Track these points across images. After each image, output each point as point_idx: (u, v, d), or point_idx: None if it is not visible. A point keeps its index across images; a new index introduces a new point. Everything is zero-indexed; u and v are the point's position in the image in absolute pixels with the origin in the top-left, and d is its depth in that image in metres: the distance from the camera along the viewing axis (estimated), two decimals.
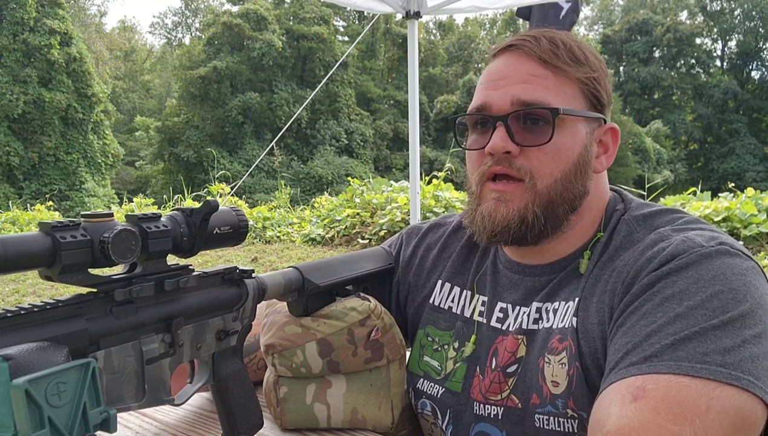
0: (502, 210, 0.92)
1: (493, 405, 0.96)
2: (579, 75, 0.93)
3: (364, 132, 29.19)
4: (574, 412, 0.86)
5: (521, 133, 0.91)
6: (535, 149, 0.90)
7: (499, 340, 0.98)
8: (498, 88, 0.93)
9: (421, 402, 1.06)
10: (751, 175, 26.55)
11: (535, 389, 0.91)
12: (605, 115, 0.97)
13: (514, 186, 0.91)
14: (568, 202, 0.92)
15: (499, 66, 0.96)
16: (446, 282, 1.09)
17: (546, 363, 0.90)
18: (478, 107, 0.95)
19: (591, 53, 0.96)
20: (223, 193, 10.41)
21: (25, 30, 21.80)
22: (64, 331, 0.64)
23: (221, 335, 0.85)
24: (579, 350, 0.87)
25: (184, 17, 44.60)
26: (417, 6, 3.53)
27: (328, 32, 29.41)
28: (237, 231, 0.81)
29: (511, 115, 0.90)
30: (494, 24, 41.45)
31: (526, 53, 0.93)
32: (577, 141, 0.92)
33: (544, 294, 0.96)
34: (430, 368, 1.05)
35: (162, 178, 27.49)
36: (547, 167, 0.90)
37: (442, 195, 8.35)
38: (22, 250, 0.60)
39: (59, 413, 0.54)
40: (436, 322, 1.07)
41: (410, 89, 3.59)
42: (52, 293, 6.36)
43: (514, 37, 0.96)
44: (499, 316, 1.01)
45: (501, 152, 0.91)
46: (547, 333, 0.92)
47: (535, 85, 0.91)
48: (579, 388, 0.86)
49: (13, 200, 17.47)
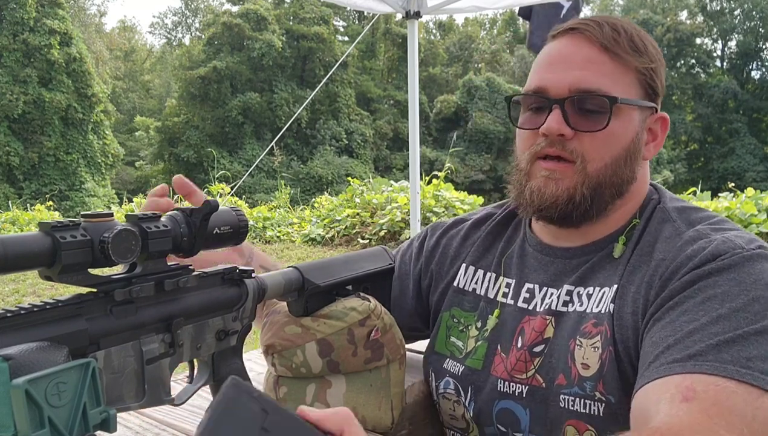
0: (551, 187, 0.93)
1: (518, 383, 0.97)
2: (637, 64, 0.93)
3: (364, 132, 29.20)
4: (602, 395, 0.88)
5: (576, 118, 0.92)
6: (588, 134, 0.92)
7: (526, 320, 1.00)
8: (556, 71, 0.94)
9: (444, 381, 1.07)
10: (751, 175, 26.56)
11: (563, 369, 0.92)
12: (657, 105, 0.99)
13: (564, 166, 0.93)
14: (616, 186, 0.94)
15: (559, 48, 0.96)
16: (470, 266, 1.11)
17: (578, 346, 0.92)
18: (535, 89, 0.96)
19: (650, 43, 0.97)
20: (223, 193, 10.40)
21: (25, 30, 21.79)
22: (64, 331, 0.64)
23: (221, 335, 0.85)
24: (613, 335, 0.89)
25: (184, 17, 44.61)
26: (417, 6, 3.53)
27: (328, 32, 29.41)
28: (237, 231, 0.81)
29: (568, 99, 0.92)
30: (494, 24, 41.46)
31: (587, 38, 0.93)
32: (630, 128, 0.94)
33: (576, 277, 0.97)
34: (455, 348, 1.07)
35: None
36: (599, 152, 0.92)
37: (442, 195, 8.35)
38: (22, 250, 0.60)
39: (59, 413, 0.54)
40: (460, 303, 1.10)
41: (410, 89, 3.59)
42: (52, 293, 6.36)
43: (577, 21, 0.96)
44: (525, 296, 1.02)
45: (555, 135, 0.92)
46: (580, 317, 0.94)
47: (593, 72, 0.92)
48: (610, 372, 0.88)
49: (13, 200, 17.47)
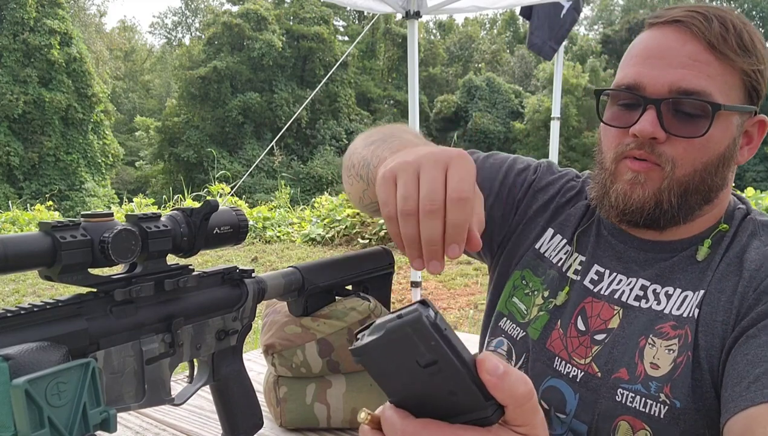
0: (638, 191, 0.88)
1: (575, 367, 0.94)
2: (745, 66, 0.86)
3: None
4: (667, 398, 0.85)
5: (672, 121, 0.85)
6: (683, 139, 0.85)
7: (588, 300, 0.96)
8: (655, 67, 0.86)
9: (498, 340, 1.04)
10: (751, 175, 26.51)
11: (627, 364, 0.89)
12: (758, 107, 0.92)
13: (650, 168, 0.88)
14: (704, 193, 0.89)
15: (658, 41, 0.87)
16: (557, 233, 1.05)
17: (649, 344, 0.88)
18: (629, 85, 0.88)
19: (759, 40, 0.89)
20: (223, 193, 10.40)
21: (25, 30, 21.78)
22: (64, 331, 0.64)
23: (221, 335, 0.85)
24: (695, 341, 0.85)
25: (184, 17, 44.60)
26: (417, 6, 3.52)
27: (328, 32, 29.39)
28: (237, 231, 0.81)
29: (666, 100, 0.85)
30: (494, 24, 41.44)
31: (693, 33, 0.85)
32: (727, 134, 0.87)
33: (653, 274, 0.93)
34: (516, 310, 1.03)
35: (162, 178, 27.47)
36: (691, 157, 0.86)
37: None
38: (22, 250, 0.60)
39: (59, 413, 0.54)
40: (535, 267, 1.05)
41: (410, 89, 3.59)
42: (52, 293, 6.36)
43: (680, 10, 0.87)
44: (593, 278, 0.98)
45: (648, 138, 0.86)
46: (656, 315, 0.90)
47: (697, 72, 0.84)
48: (682, 377, 0.85)
49: (13, 200, 17.46)
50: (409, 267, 4.11)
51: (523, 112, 29.11)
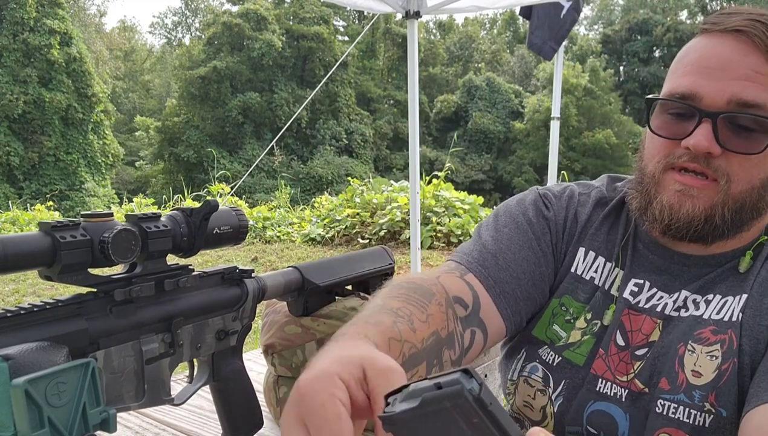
0: (687, 205, 0.84)
1: (618, 385, 0.90)
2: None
3: (364, 132, 29.18)
4: (712, 407, 0.82)
5: (729, 136, 0.81)
6: (739, 155, 0.81)
7: (626, 313, 0.93)
8: (713, 78, 0.81)
9: (532, 366, 0.98)
10: None
11: (667, 374, 0.86)
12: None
13: (704, 183, 0.83)
14: (758, 208, 0.85)
15: (717, 51, 0.82)
16: (590, 251, 0.99)
17: (689, 351, 0.85)
18: (684, 94, 0.83)
19: None
20: (223, 193, 10.40)
21: (25, 30, 21.78)
22: (64, 331, 0.64)
23: (221, 335, 0.85)
24: (740, 346, 0.83)
25: (184, 17, 44.60)
26: (417, 6, 3.52)
27: (328, 32, 29.39)
28: (237, 231, 0.81)
29: (724, 114, 0.81)
30: (494, 24, 41.44)
31: (756, 44, 0.80)
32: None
33: (695, 287, 0.90)
34: (555, 336, 0.97)
35: (162, 178, 27.47)
36: (748, 173, 0.82)
37: (442, 195, 8.35)
38: (22, 250, 0.60)
39: (59, 413, 0.54)
40: (574, 292, 0.98)
41: (410, 89, 3.59)
42: (52, 293, 6.35)
43: (742, 19, 0.82)
44: (633, 290, 0.94)
45: (702, 153, 0.82)
46: (695, 321, 0.87)
47: (759, 84, 0.80)
48: (728, 384, 0.82)
49: (13, 200, 17.46)
50: (409, 267, 4.11)
51: (523, 112, 29.11)
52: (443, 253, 7.33)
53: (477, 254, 0.96)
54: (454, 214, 8.11)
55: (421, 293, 0.80)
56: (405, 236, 7.63)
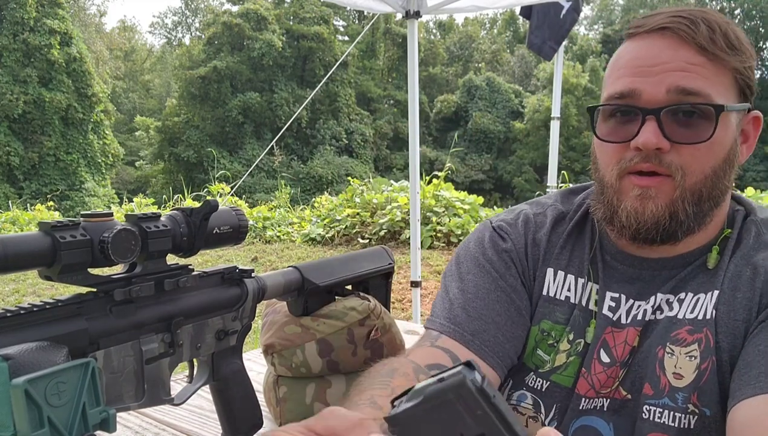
0: (650, 207, 0.85)
1: (601, 397, 0.90)
2: (736, 64, 0.84)
3: (364, 132, 29.19)
4: (695, 408, 0.83)
5: (675, 128, 0.82)
6: (689, 146, 0.83)
7: (608, 331, 0.92)
8: (649, 75, 0.82)
9: (520, 394, 0.97)
10: (751, 175, 26.49)
11: (650, 379, 0.86)
12: (752, 103, 0.90)
13: (660, 181, 0.84)
14: (714, 198, 0.86)
15: (649, 50, 0.84)
16: (559, 271, 0.98)
17: (668, 354, 0.86)
18: (622, 93, 0.84)
19: (743, 37, 0.87)
20: (223, 193, 10.40)
21: (25, 30, 21.78)
22: (64, 331, 0.64)
23: (221, 335, 0.85)
24: (717, 344, 0.83)
25: (184, 17, 44.60)
26: (417, 5, 3.52)
27: (328, 32, 29.39)
28: (237, 231, 0.81)
29: (666, 108, 0.81)
30: (494, 23, 41.44)
31: (682, 38, 0.82)
32: (729, 134, 0.85)
33: (668, 287, 0.90)
34: (540, 361, 0.96)
35: (162, 178, 27.48)
36: (700, 163, 0.83)
37: (443, 195, 8.35)
38: (22, 249, 0.60)
39: (59, 413, 0.54)
40: (551, 315, 0.97)
41: (410, 89, 3.58)
42: (52, 293, 6.36)
43: (665, 17, 0.84)
44: (610, 305, 0.93)
45: (652, 149, 0.82)
46: (670, 322, 0.87)
47: (695, 75, 0.81)
48: (709, 384, 0.82)
49: (13, 200, 17.46)
50: (409, 267, 4.11)
51: (523, 112, 29.11)
52: (443, 253, 7.33)
53: (446, 313, 0.95)
54: (454, 214, 8.11)
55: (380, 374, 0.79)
56: (405, 236, 7.63)
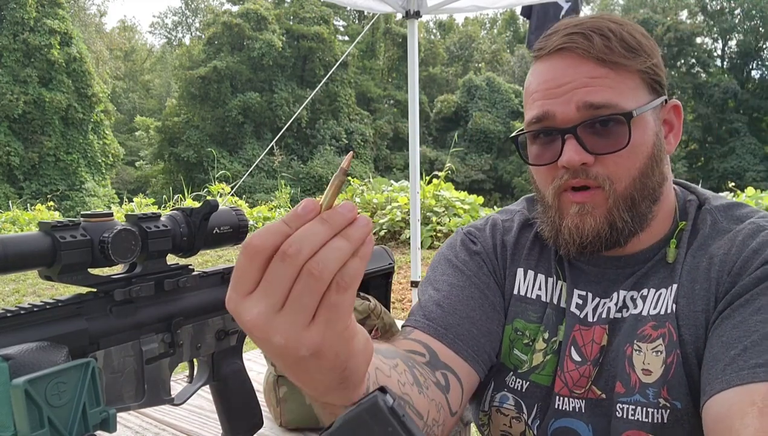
0: (589, 221, 0.88)
1: (577, 398, 0.92)
2: (638, 66, 0.87)
3: (364, 132, 29.19)
4: (666, 402, 0.84)
5: (594, 141, 0.86)
6: (611, 155, 0.86)
7: (577, 329, 0.94)
8: (558, 95, 0.87)
9: (501, 395, 0.98)
10: (751, 174, 26.53)
11: (620, 377, 0.88)
12: (666, 95, 0.92)
13: (593, 193, 0.88)
14: (649, 195, 0.89)
15: (552, 71, 0.88)
16: (528, 270, 1.01)
17: (636, 351, 0.87)
18: (538, 117, 0.89)
19: (641, 34, 0.89)
20: (223, 193, 10.40)
21: (25, 30, 21.78)
22: (64, 331, 0.64)
23: (221, 335, 0.85)
24: (680, 337, 0.85)
25: (184, 17, 44.61)
26: (417, 5, 3.52)
27: (328, 32, 29.39)
28: (237, 231, 0.81)
29: (580, 125, 0.85)
30: (494, 23, 41.45)
31: (580, 55, 0.86)
32: (649, 132, 0.88)
33: (629, 283, 0.93)
34: (519, 362, 0.98)
35: (162, 178, 27.49)
36: (625, 169, 0.87)
37: (443, 195, 8.35)
38: (22, 249, 0.60)
39: (59, 413, 0.54)
40: (524, 313, 0.99)
41: (410, 89, 3.59)
42: (52, 293, 6.36)
43: (561, 37, 0.88)
44: (578, 302, 0.96)
45: (577, 166, 0.86)
46: (636, 320, 0.89)
47: (598, 87, 0.85)
48: (677, 377, 0.84)
49: (13, 200, 17.46)
50: (409, 267, 4.11)
51: (523, 112, 29.10)
52: None
53: (421, 311, 0.97)
54: (454, 214, 8.11)
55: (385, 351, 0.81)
56: (405, 236, 7.64)
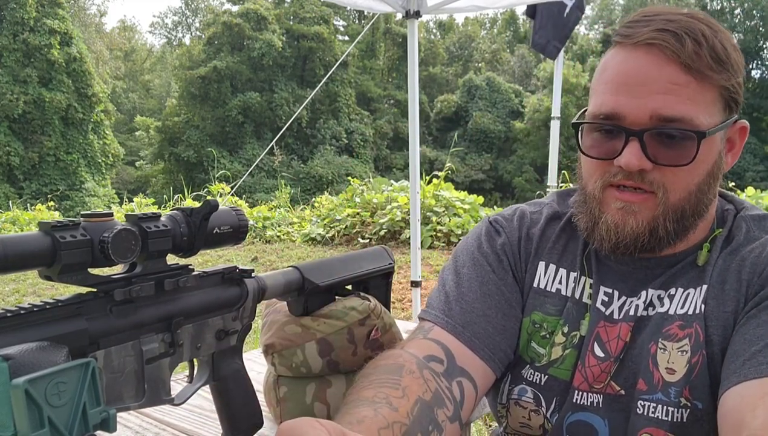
0: (630, 222, 0.86)
1: (595, 393, 0.91)
2: (722, 81, 0.83)
3: (364, 132, 29.20)
4: (687, 401, 0.84)
5: (658, 150, 0.83)
6: (671, 167, 0.83)
7: (602, 325, 0.93)
8: (633, 95, 0.83)
9: (520, 388, 0.97)
10: (751, 174, 26.50)
11: (643, 374, 0.87)
12: (738, 113, 0.89)
13: (643, 197, 0.85)
14: (699, 212, 0.87)
15: (635, 66, 0.83)
16: (551, 264, 0.99)
17: (660, 349, 0.87)
18: (608, 115, 0.85)
19: (731, 46, 0.85)
20: (223, 193, 10.40)
21: (25, 30, 21.79)
22: (64, 331, 0.64)
23: (221, 335, 0.85)
24: (707, 337, 0.84)
25: (184, 17, 44.61)
26: (417, 5, 3.52)
27: (328, 32, 29.40)
28: (237, 231, 0.81)
29: (649, 131, 0.82)
30: (494, 23, 41.44)
31: (668, 56, 0.81)
32: (713, 150, 0.86)
33: (658, 282, 0.91)
34: (536, 355, 0.97)
35: (162, 178, 27.48)
36: (683, 182, 0.84)
37: (443, 195, 8.35)
38: (22, 249, 0.60)
39: (59, 413, 0.54)
40: (542, 306, 0.98)
41: (410, 89, 3.58)
42: (52, 293, 6.36)
43: (651, 31, 0.83)
44: (603, 299, 0.94)
45: (635, 170, 0.83)
46: (662, 318, 0.88)
47: (677, 96, 0.81)
48: (700, 377, 0.83)
49: (13, 200, 17.47)
50: (409, 267, 4.11)
51: (523, 112, 29.11)
52: (443, 253, 7.33)
53: (440, 305, 0.97)
54: (454, 214, 8.11)
55: (388, 371, 0.81)
56: (405, 236, 7.64)
